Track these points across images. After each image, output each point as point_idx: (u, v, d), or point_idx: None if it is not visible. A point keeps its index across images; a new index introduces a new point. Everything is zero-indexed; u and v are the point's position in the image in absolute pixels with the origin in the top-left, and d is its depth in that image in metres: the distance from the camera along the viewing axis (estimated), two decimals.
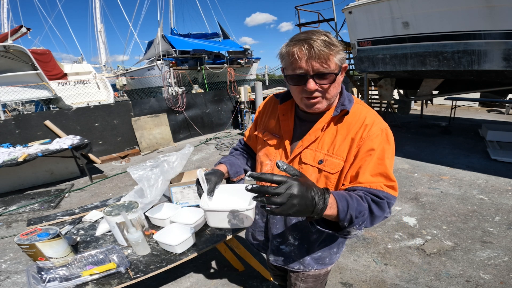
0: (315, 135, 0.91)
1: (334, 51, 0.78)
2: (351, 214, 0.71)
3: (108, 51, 47.17)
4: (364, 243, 2.55)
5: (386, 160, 0.83)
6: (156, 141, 6.28)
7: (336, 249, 1.06)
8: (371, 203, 0.77)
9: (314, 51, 0.76)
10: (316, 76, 0.79)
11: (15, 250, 2.66)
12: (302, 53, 0.78)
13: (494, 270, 2.11)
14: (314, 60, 0.77)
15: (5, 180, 4.15)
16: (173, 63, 10.03)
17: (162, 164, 1.67)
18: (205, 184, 0.97)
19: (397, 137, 6.47)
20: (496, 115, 8.16)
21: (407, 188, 3.61)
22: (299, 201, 0.61)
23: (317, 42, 0.76)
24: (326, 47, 0.76)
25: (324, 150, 0.89)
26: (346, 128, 0.88)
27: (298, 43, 0.78)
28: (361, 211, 0.74)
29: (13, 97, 6.42)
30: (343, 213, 0.71)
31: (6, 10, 16.12)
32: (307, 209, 0.64)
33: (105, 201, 2.13)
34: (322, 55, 0.76)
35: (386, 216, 0.82)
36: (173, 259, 1.39)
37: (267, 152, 1.03)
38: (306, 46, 0.77)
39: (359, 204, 0.74)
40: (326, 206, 0.67)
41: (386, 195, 0.80)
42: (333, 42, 0.78)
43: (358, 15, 4.93)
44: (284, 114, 1.00)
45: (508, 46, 3.50)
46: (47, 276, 1.23)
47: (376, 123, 0.86)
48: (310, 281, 1.09)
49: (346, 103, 0.89)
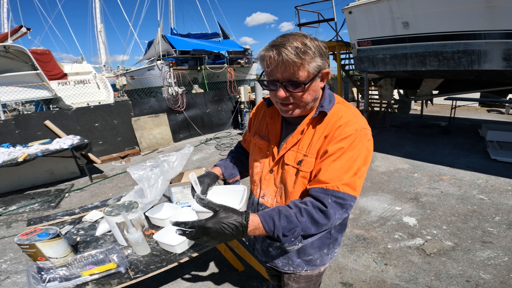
0: (297, 138, 0.92)
1: (306, 60, 0.76)
2: (277, 234, 0.77)
3: (108, 51, 47.18)
4: (364, 243, 2.55)
5: (352, 161, 0.82)
6: (156, 141, 6.28)
7: (327, 250, 1.05)
8: (314, 213, 0.80)
9: (283, 59, 0.75)
10: (287, 84, 0.80)
11: (15, 250, 2.66)
12: (271, 60, 0.78)
13: (494, 270, 2.11)
14: (285, 68, 0.77)
15: (5, 180, 4.15)
16: (173, 63, 10.04)
17: (162, 164, 1.67)
18: (198, 186, 0.99)
19: (397, 137, 6.49)
20: (496, 115, 8.16)
21: (407, 188, 3.61)
22: (216, 237, 0.75)
23: (287, 50, 0.74)
24: (296, 56, 0.75)
25: (303, 150, 0.90)
26: (323, 127, 0.88)
27: (271, 49, 0.77)
28: (291, 229, 0.78)
29: (13, 97, 6.43)
30: (270, 232, 0.78)
31: (6, 10, 16.12)
32: (227, 238, 0.76)
33: (105, 201, 2.13)
34: (290, 64, 0.75)
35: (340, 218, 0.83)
36: (173, 259, 1.39)
37: (257, 154, 1.06)
38: (276, 54, 0.76)
39: (290, 222, 0.78)
40: (246, 232, 0.75)
41: (342, 195, 0.80)
42: (306, 49, 0.76)
43: (358, 15, 4.93)
44: (271, 117, 1.02)
45: (508, 46, 3.50)
46: (47, 276, 1.23)
47: (352, 123, 0.85)
48: (303, 281, 1.09)
49: (325, 105, 0.89)
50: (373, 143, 0.91)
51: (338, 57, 6.60)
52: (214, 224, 0.73)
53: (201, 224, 0.74)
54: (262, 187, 1.03)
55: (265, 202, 1.02)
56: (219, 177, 1.13)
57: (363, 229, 2.77)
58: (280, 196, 0.98)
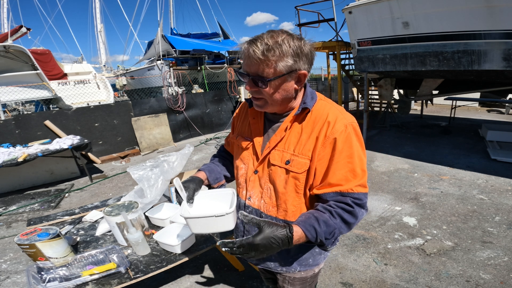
0: (280, 135, 0.91)
1: (271, 59, 0.77)
2: (320, 239, 0.81)
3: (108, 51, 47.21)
4: (364, 243, 2.55)
5: (354, 157, 0.84)
6: (156, 141, 6.28)
7: (319, 250, 1.04)
8: (343, 214, 0.83)
9: (249, 55, 0.79)
10: (254, 78, 0.82)
11: (15, 250, 2.66)
12: (244, 54, 0.82)
13: (494, 270, 2.11)
14: (252, 62, 0.80)
15: (5, 180, 4.15)
16: (173, 63, 10.02)
17: (162, 164, 1.67)
18: (183, 192, 0.98)
19: (397, 137, 6.48)
20: (496, 115, 8.16)
21: (407, 188, 3.61)
22: (264, 251, 0.76)
23: (256, 47, 0.77)
24: (262, 54, 0.77)
25: (290, 150, 0.90)
26: (311, 126, 0.88)
27: (247, 43, 0.81)
28: (331, 232, 0.82)
29: (13, 97, 6.42)
30: (313, 239, 0.80)
31: (6, 10, 16.11)
32: (274, 251, 0.77)
33: (105, 201, 2.13)
34: (256, 60, 0.78)
35: (362, 216, 0.88)
36: (173, 259, 1.39)
37: (241, 156, 1.04)
38: (247, 48, 0.80)
39: (328, 226, 0.81)
40: (291, 243, 0.78)
41: (358, 196, 0.84)
42: (275, 48, 0.77)
43: (358, 15, 4.93)
44: (254, 117, 1.01)
45: (508, 46, 3.49)
46: (47, 276, 1.23)
47: (340, 119, 0.85)
48: (297, 283, 1.08)
49: (307, 101, 0.89)
50: (373, 143, 0.91)
51: (338, 57, 6.60)
52: (262, 240, 0.75)
53: (250, 241, 0.75)
54: (248, 188, 1.01)
55: (251, 204, 1.01)
56: (204, 181, 1.10)
57: (363, 229, 2.77)
58: (268, 197, 0.96)
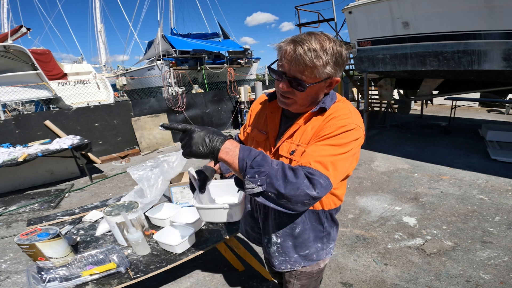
0: (293, 130, 0.93)
1: (317, 66, 0.77)
2: (246, 162, 0.73)
3: (108, 51, 47.17)
4: (364, 243, 2.55)
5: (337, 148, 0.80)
6: (156, 141, 6.28)
7: (321, 245, 1.07)
8: (286, 168, 0.74)
9: (296, 57, 0.77)
10: (291, 79, 0.81)
11: (15, 250, 2.66)
12: (286, 54, 0.80)
13: (494, 270, 2.11)
14: (295, 65, 0.79)
15: (5, 180, 4.15)
16: (173, 63, 10.02)
17: (162, 164, 1.67)
18: (196, 181, 1.02)
19: (397, 137, 6.48)
20: (496, 115, 8.16)
21: (407, 188, 3.61)
22: (196, 140, 0.72)
23: (303, 50, 0.76)
24: (309, 60, 0.76)
25: (296, 141, 0.92)
26: (319, 120, 0.90)
27: (290, 43, 0.80)
28: (260, 165, 0.72)
29: (13, 97, 6.42)
30: (241, 161, 0.73)
31: (6, 10, 16.10)
32: (200, 149, 0.72)
33: (105, 201, 2.13)
34: (301, 64, 0.77)
35: (307, 191, 0.73)
36: (173, 259, 1.39)
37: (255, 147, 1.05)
38: (292, 50, 0.78)
39: (264, 160, 0.73)
40: (219, 148, 0.73)
41: (312, 171, 0.75)
42: (320, 55, 0.76)
43: (358, 15, 4.93)
44: (272, 112, 1.03)
45: (508, 46, 3.50)
46: (47, 276, 1.23)
47: (346, 117, 0.85)
48: (304, 278, 1.10)
49: (327, 102, 0.90)
50: (373, 143, 0.90)
51: None
52: (202, 130, 0.74)
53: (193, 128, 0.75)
54: None
55: None
56: (216, 171, 1.14)
57: (363, 229, 2.77)
58: None
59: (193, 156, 0.75)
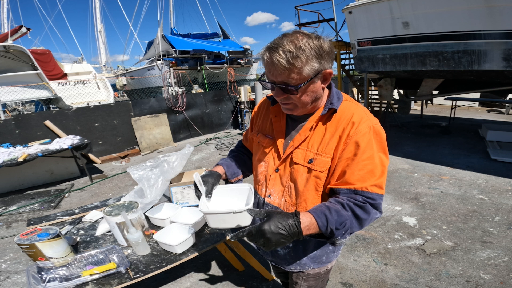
0: (304, 135, 0.91)
1: (297, 65, 0.75)
2: (331, 228, 0.77)
3: (108, 51, 47.16)
4: (364, 243, 2.55)
5: (375, 159, 0.82)
6: (156, 141, 6.28)
7: (332, 248, 1.06)
8: (354, 208, 0.80)
9: (274, 64, 0.76)
10: (281, 86, 0.81)
11: (15, 250, 2.66)
12: (266, 63, 0.79)
13: (494, 270, 2.11)
14: (277, 72, 0.78)
15: (5, 180, 4.15)
16: (173, 63, 10.03)
17: (162, 164, 1.67)
18: (202, 186, 0.99)
19: (397, 137, 6.46)
20: (496, 115, 8.16)
21: (407, 188, 3.61)
22: (273, 240, 0.74)
23: (278, 55, 0.74)
24: (287, 62, 0.74)
25: (314, 149, 0.89)
26: (335, 125, 0.87)
27: (266, 51, 0.79)
28: (342, 222, 0.78)
29: (13, 97, 6.43)
30: (323, 227, 0.78)
31: (6, 10, 16.12)
32: (283, 240, 0.75)
33: (105, 201, 2.13)
34: (281, 69, 0.76)
35: (376, 216, 0.85)
36: (173, 259, 1.39)
37: (262, 153, 1.04)
38: (269, 57, 0.77)
39: (339, 215, 0.78)
40: (300, 231, 0.75)
41: (371, 195, 0.81)
42: (298, 54, 0.74)
43: (358, 15, 4.93)
44: (276, 115, 1.01)
45: (508, 46, 3.49)
46: (47, 276, 1.23)
47: (364, 120, 0.84)
48: (311, 279, 1.09)
49: (334, 101, 0.89)
50: None
51: (338, 57, 6.61)
52: (269, 225, 0.74)
53: (257, 227, 0.75)
54: (268, 186, 1.01)
55: (271, 202, 1.01)
56: (222, 176, 1.12)
57: (363, 229, 2.77)
58: (289, 195, 0.96)
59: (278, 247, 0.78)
